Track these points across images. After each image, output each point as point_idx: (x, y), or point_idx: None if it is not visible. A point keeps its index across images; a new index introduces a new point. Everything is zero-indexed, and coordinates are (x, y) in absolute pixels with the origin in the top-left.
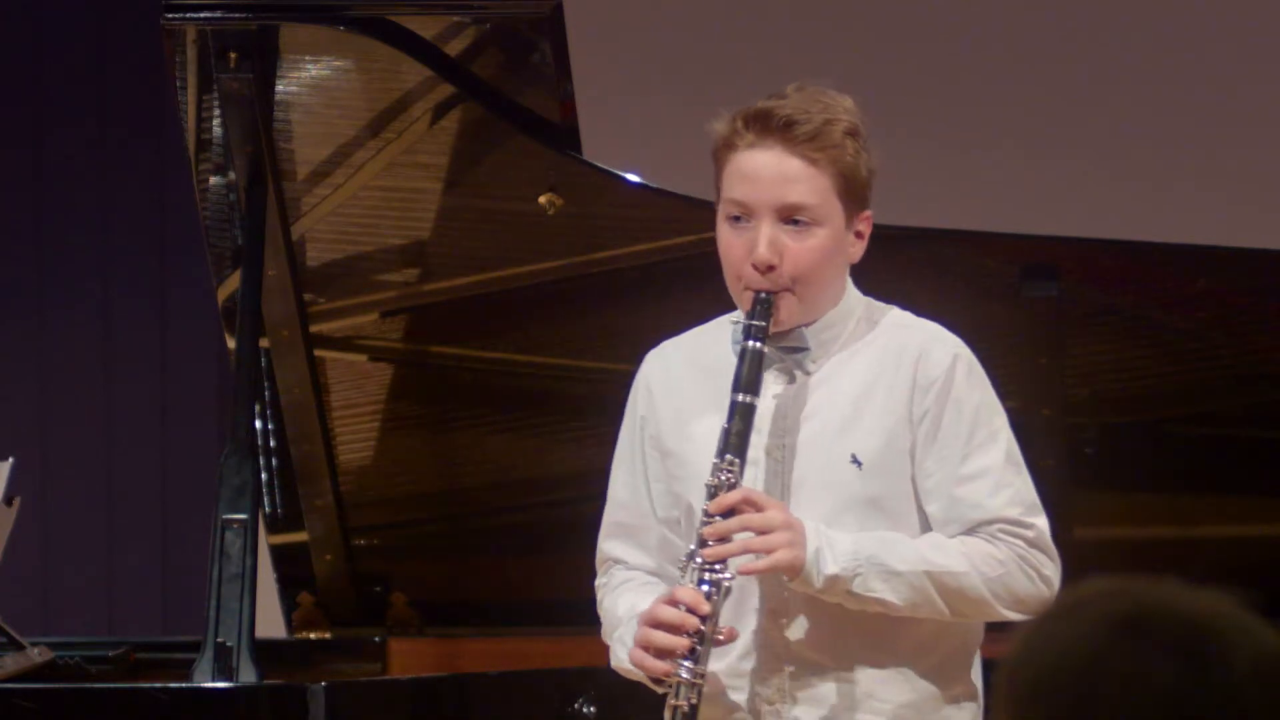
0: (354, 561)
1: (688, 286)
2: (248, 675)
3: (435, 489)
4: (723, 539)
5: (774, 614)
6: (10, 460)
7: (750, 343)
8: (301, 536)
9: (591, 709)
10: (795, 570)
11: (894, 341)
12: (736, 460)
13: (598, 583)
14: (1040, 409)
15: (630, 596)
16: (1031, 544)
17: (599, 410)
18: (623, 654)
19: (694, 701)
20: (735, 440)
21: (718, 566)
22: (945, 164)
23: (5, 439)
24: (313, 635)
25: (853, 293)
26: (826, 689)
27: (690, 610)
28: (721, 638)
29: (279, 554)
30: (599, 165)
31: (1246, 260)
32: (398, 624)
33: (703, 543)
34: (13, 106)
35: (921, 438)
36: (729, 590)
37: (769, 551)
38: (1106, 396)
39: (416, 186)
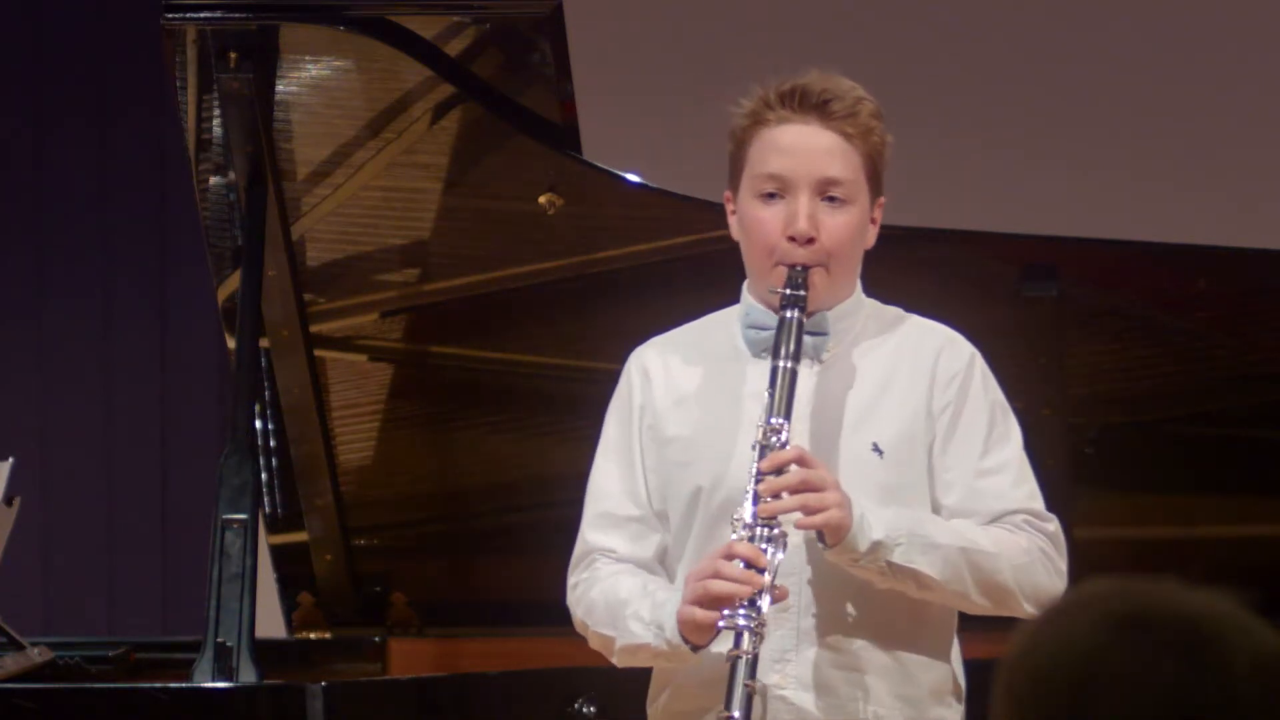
0: (354, 561)
1: (688, 286)
2: (248, 675)
3: (435, 489)
4: (776, 496)
5: (787, 598)
6: (10, 460)
7: (789, 312)
8: (301, 536)
9: (591, 709)
10: (843, 531)
11: (912, 337)
12: (784, 422)
13: (577, 578)
14: (1040, 409)
15: (634, 579)
16: (1051, 539)
17: (599, 410)
18: (639, 629)
19: (757, 650)
20: (780, 404)
21: (772, 523)
22: (945, 164)
23: (5, 439)
24: (313, 635)
25: (859, 288)
26: (836, 676)
27: (749, 564)
28: (777, 593)
29: (279, 554)
30: (599, 165)
31: (1246, 260)
32: (398, 624)
33: (756, 499)
34: (13, 106)
35: (941, 431)
36: (785, 544)
37: (823, 508)
38: (1106, 396)
39: (416, 186)
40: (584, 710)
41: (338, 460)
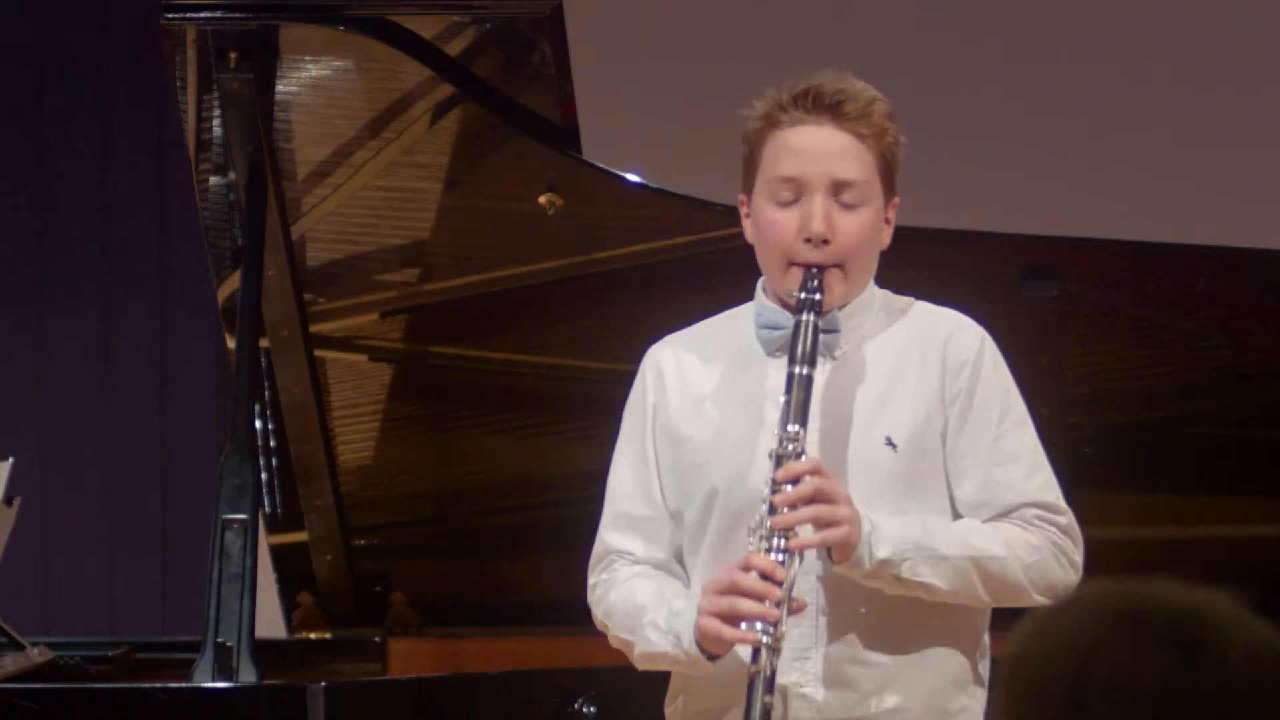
0: (354, 561)
1: (688, 286)
2: (248, 675)
3: (435, 489)
4: (792, 506)
5: (806, 596)
6: (10, 460)
7: (806, 315)
8: (301, 536)
9: (591, 709)
10: (850, 548)
11: (921, 327)
12: (800, 430)
13: (596, 579)
14: (1040, 409)
15: (651, 584)
16: (1064, 530)
17: (599, 410)
18: (656, 638)
19: (775, 666)
20: (797, 410)
21: (788, 534)
22: (945, 164)
23: (5, 439)
24: (313, 635)
25: (873, 282)
26: (855, 671)
27: (766, 577)
28: (795, 605)
29: (279, 554)
30: (599, 165)
31: (1246, 260)
32: (398, 624)
33: (771, 509)
34: (13, 106)
35: (954, 419)
36: (802, 557)
37: (835, 522)
38: (1106, 396)
39: (416, 186)
40: (584, 710)
41: (338, 460)
